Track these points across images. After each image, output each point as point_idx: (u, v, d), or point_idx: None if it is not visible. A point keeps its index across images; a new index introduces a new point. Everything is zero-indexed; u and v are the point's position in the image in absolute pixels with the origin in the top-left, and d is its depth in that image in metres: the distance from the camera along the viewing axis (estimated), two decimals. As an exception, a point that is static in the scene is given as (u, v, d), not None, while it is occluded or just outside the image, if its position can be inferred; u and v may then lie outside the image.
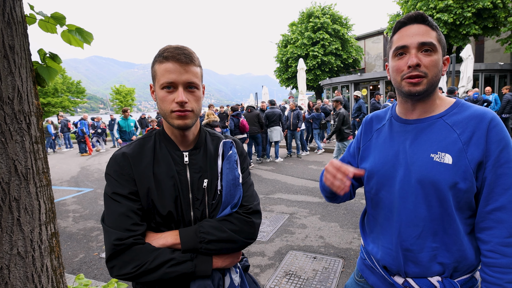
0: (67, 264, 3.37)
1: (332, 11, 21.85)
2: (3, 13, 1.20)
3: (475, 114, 0.89)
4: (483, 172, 0.86)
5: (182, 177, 0.97)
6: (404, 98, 0.96)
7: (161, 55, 0.91)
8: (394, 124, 1.03)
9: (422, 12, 0.90)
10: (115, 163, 0.94)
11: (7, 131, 1.21)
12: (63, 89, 23.59)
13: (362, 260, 1.18)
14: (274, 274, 2.90)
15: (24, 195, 1.27)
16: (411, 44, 0.88)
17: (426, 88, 0.89)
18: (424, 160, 0.90)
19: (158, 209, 0.92)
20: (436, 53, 0.88)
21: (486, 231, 0.87)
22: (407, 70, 0.88)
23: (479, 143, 0.85)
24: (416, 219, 0.91)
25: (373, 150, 1.07)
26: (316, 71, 21.47)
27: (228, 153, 1.04)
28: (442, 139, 0.89)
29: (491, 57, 16.89)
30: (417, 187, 0.90)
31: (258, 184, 6.22)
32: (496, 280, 0.84)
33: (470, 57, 10.19)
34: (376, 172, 1.02)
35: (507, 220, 0.84)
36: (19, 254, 1.25)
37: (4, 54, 1.20)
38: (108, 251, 0.87)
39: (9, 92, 1.22)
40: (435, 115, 0.94)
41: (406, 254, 0.94)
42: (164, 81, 0.89)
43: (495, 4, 12.88)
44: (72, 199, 6.06)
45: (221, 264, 0.96)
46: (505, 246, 0.84)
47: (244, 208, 1.00)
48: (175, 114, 0.91)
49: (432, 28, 0.89)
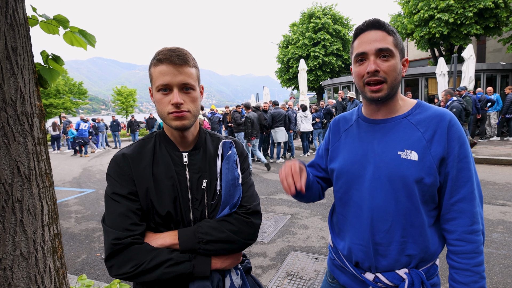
0: (69, 265, 3.38)
1: (333, 12, 21.84)
2: (5, 15, 1.20)
3: (436, 114, 0.96)
4: (445, 167, 0.93)
5: (181, 178, 0.97)
6: (368, 101, 1.02)
7: (156, 58, 0.92)
8: (361, 124, 1.07)
9: (379, 18, 0.96)
10: (115, 164, 0.95)
11: (10, 133, 1.22)
12: (65, 90, 23.69)
13: (331, 260, 1.19)
14: (276, 275, 2.90)
15: (27, 196, 1.27)
16: (369, 51, 0.92)
17: (387, 93, 0.95)
18: (392, 158, 0.95)
19: (157, 209, 0.93)
20: (394, 58, 0.93)
21: (451, 222, 0.95)
22: (367, 75, 0.94)
23: (441, 141, 0.92)
24: (386, 214, 0.96)
25: (342, 150, 1.10)
26: (317, 71, 21.45)
27: (228, 153, 1.04)
28: (408, 137, 0.95)
29: (493, 57, 16.82)
30: (386, 183, 0.95)
31: (259, 184, 6.23)
32: (464, 265, 0.92)
33: (472, 57, 10.16)
34: (346, 171, 1.05)
35: (468, 209, 0.92)
36: (22, 255, 1.26)
37: (6, 56, 1.20)
38: (106, 251, 0.88)
39: (12, 93, 1.23)
40: (400, 115, 1.00)
41: (377, 248, 0.98)
42: (159, 84, 0.90)
43: (496, 4, 12.84)
44: (74, 200, 6.08)
45: (220, 265, 0.96)
46: (469, 233, 0.92)
47: (244, 209, 1.00)
48: (172, 116, 0.91)
49: (388, 33, 0.94)
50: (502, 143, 9.27)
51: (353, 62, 1.00)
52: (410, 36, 16.03)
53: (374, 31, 0.94)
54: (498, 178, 5.83)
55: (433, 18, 13.96)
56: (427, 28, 14.34)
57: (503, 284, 2.58)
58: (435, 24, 13.85)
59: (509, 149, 8.11)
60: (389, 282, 0.97)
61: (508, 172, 6.31)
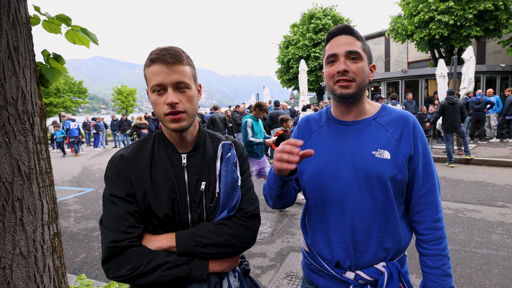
0: (68, 264, 3.37)
1: (334, 13, 21.86)
2: (8, 14, 1.20)
3: (400, 116, 1.05)
4: (412, 164, 1.01)
5: (179, 180, 0.96)
6: (338, 101, 1.06)
7: (148, 58, 0.90)
8: (332, 125, 1.10)
9: (349, 25, 1.03)
10: (113, 165, 0.94)
11: (10, 132, 1.22)
12: (65, 89, 23.67)
13: (307, 265, 1.17)
14: (275, 275, 2.89)
15: (27, 195, 1.27)
16: (339, 53, 0.99)
17: (355, 91, 0.99)
18: (367, 157, 1.00)
19: (154, 212, 0.92)
20: (362, 61, 0.99)
21: (420, 213, 1.03)
22: (337, 75, 0.99)
23: (408, 140, 1.00)
24: (364, 212, 1.00)
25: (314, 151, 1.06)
26: (317, 72, 21.46)
27: (227, 155, 1.03)
28: (379, 137, 1.02)
29: (493, 59, 16.84)
30: (362, 181, 0.99)
31: (259, 185, 6.22)
32: (434, 251, 1.00)
33: (472, 59, 10.17)
34: (320, 172, 1.05)
35: (433, 200, 1.02)
36: (22, 254, 1.26)
37: (8, 55, 1.20)
38: (103, 253, 0.87)
39: (13, 92, 1.23)
40: (369, 117, 1.06)
41: (356, 246, 1.01)
42: (153, 84, 0.89)
43: (496, 6, 12.85)
44: (73, 199, 6.08)
45: (218, 268, 0.95)
46: (435, 222, 1.02)
47: (242, 212, 0.99)
48: (169, 118, 0.90)
49: (357, 39, 1.01)
50: (502, 145, 9.28)
51: (325, 64, 1.05)
52: (411, 37, 16.04)
53: (345, 36, 1.01)
54: (497, 180, 5.84)
55: (433, 20, 13.97)
56: (427, 30, 14.36)
57: (502, 286, 2.58)
58: (435, 26, 13.87)
59: (508, 151, 8.12)
60: (369, 278, 1.00)
61: (507, 173, 6.32)
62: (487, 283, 2.63)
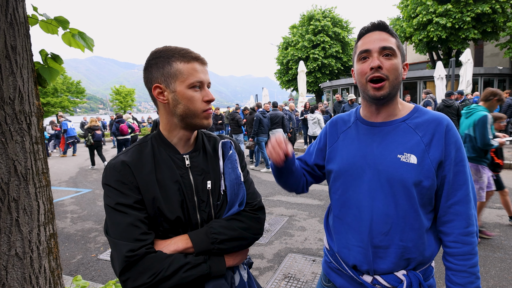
0: (64, 265, 3.35)
1: (333, 14, 21.94)
2: (6, 14, 1.20)
3: (433, 118, 0.98)
4: (442, 171, 0.95)
5: (185, 181, 0.96)
6: (369, 102, 1.02)
7: (184, 55, 0.92)
8: (360, 126, 1.08)
9: (383, 21, 0.99)
10: (115, 172, 0.90)
11: (7, 131, 1.21)
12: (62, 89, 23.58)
13: (327, 263, 1.18)
14: (273, 277, 2.89)
15: (23, 196, 1.26)
16: (373, 48, 0.95)
17: (389, 91, 0.95)
18: (391, 161, 0.96)
19: (166, 216, 0.90)
20: (396, 58, 0.95)
21: (447, 224, 0.96)
22: (370, 71, 0.95)
23: (439, 145, 0.94)
24: (386, 217, 0.96)
25: (340, 151, 1.10)
26: (316, 73, 21.51)
27: (229, 153, 1.05)
28: (407, 141, 0.97)
29: (490, 62, 16.95)
30: (385, 186, 0.96)
31: (257, 186, 6.20)
32: (460, 267, 0.94)
33: (470, 61, 10.23)
34: (344, 172, 1.06)
35: (464, 212, 0.94)
36: (17, 255, 1.25)
37: (6, 55, 1.20)
38: (120, 264, 0.83)
39: (10, 92, 1.22)
40: (399, 119, 1.01)
41: (376, 251, 0.98)
42: (194, 80, 0.91)
43: (494, 9, 12.95)
44: (70, 200, 6.04)
45: (232, 262, 0.97)
46: (465, 235, 0.94)
47: (250, 205, 1.02)
48: (206, 114, 0.93)
49: (392, 36, 0.97)
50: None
51: (356, 61, 1.01)
52: (409, 39, 16.13)
53: (379, 32, 0.97)
54: (494, 182, 5.87)
55: (432, 22, 14.06)
56: (426, 32, 14.44)
57: (499, 287, 2.59)
58: (433, 28, 13.95)
59: (506, 153, 8.15)
60: (387, 284, 0.97)
61: (504, 176, 6.32)
62: (484, 284, 2.64)
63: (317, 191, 5.74)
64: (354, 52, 1.05)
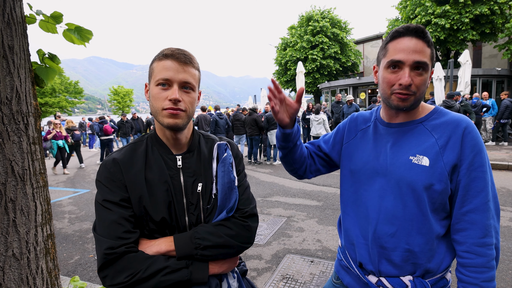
0: (62, 266, 3.34)
1: (332, 15, 21.97)
2: (3, 14, 1.19)
3: (452, 120, 0.94)
4: (457, 175, 0.90)
5: (175, 182, 0.94)
6: (389, 108, 1.00)
7: (162, 53, 0.91)
8: (378, 126, 1.07)
9: (423, 26, 0.90)
10: (106, 170, 0.91)
11: (4, 132, 1.21)
12: (60, 89, 23.53)
13: (338, 261, 1.19)
14: (271, 278, 2.89)
15: (20, 196, 1.26)
16: (406, 61, 0.88)
17: (412, 103, 0.93)
18: (403, 162, 0.94)
19: (151, 216, 0.90)
20: (427, 72, 0.91)
21: (461, 232, 0.91)
22: (398, 87, 0.90)
23: (455, 147, 0.90)
24: (393, 218, 0.94)
25: (356, 149, 1.10)
26: (315, 74, 21.54)
27: (223, 156, 1.01)
28: (421, 143, 0.94)
29: (489, 63, 17.02)
30: (395, 187, 0.94)
31: (255, 186, 6.21)
32: (472, 279, 0.87)
33: (468, 63, 10.27)
34: (358, 171, 1.06)
35: (480, 221, 0.88)
36: (14, 256, 1.24)
37: (3, 55, 1.19)
38: (99, 261, 0.84)
39: (8, 92, 1.21)
40: (416, 120, 0.99)
41: (381, 252, 0.97)
42: (160, 77, 0.88)
43: (492, 10, 13.01)
44: (68, 200, 6.02)
45: (217, 270, 0.94)
46: (479, 246, 0.88)
47: (240, 212, 0.98)
48: (167, 112, 0.88)
49: (428, 45, 0.90)
50: (497, 148, 9.37)
51: (384, 66, 0.94)
52: (407, 40, 16.15)
53: (416, 39, 0.88)
54: (492, 183, 5.88)
55: (430, 23, 14.10)
56: (424, 33, 14.48)
57: (496, 289, 2.60)
58: (432, 29, 14.00)
59: (504, 154, 8.19)
60: (392, 287, 0.96)
61: (503, 176, 6.37)
62: (482, 285, 2.65)
63: (316, 192, 5.75)
64: (382, 53, 0.96)
